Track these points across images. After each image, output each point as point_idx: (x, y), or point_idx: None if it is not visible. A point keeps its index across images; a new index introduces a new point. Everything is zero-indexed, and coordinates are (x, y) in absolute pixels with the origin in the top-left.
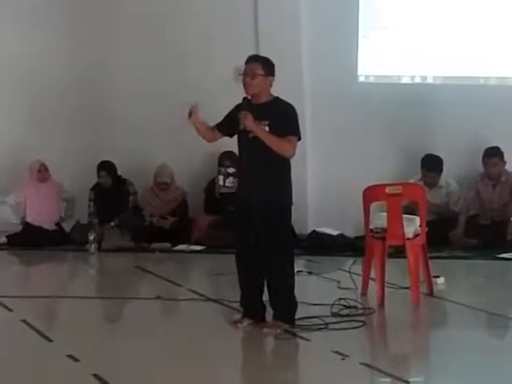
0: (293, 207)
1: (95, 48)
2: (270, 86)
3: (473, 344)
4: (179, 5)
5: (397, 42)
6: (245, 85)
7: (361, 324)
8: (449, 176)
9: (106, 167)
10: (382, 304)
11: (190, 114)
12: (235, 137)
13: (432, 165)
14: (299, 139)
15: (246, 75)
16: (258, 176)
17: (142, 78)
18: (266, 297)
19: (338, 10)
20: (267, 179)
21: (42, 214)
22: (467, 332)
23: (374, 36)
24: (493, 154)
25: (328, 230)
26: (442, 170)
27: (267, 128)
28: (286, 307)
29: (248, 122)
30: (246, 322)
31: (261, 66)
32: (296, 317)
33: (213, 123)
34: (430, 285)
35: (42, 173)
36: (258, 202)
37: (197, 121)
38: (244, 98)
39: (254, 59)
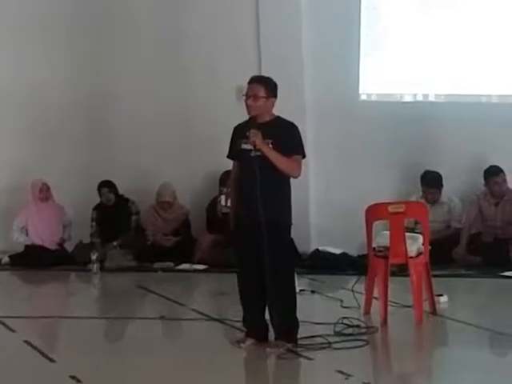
0: (292, 226)
1: (97, 69)
2: (272, 106)
3: (476, 363)
4: (181, 25)
5: (398, 60)
6: (247, 106)
7: (364, 343)
8: (450, 193)
9: (107, 185)
10: (384, 323)
11: None
12: None
13: (431, 181)
14: (303, 157)
15: (249, 97)
16: (261, 195)
17: (144, 98)
18: (268, 316)
19: (340, 29)
20: (270, 198)
21: (44, 234)
22: (470, 351)
23: (375, 54)
24: (496, 173)
25: (331, 249)
26: (442, 185)
27: (271, 146)
28: (288, 326)
29: (258, 140)
30: (249, 341)
31: (263, 88)
32: (299, 336)
33: (215, 142)
34: (433, 303)
35: (44, 192)
36: (261, 221)
37: None
38: (250, 118)
39: (256, 81)
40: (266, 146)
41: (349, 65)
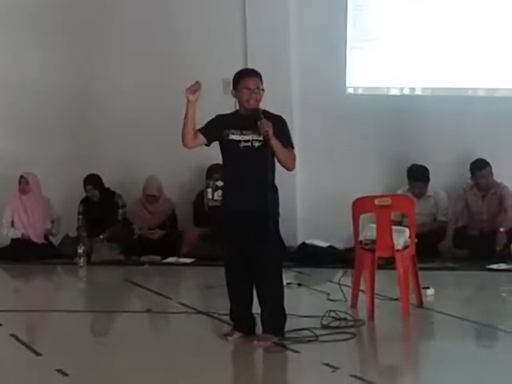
0: (279, 219)
1: (82, 60)
2: None
3: (462, 355)
4: (169, 20)
5: (385, 53)
6: (249, 99)
7: (351, 336)
8: (437, 186)
9: (92, 181)
10: (371, 316)
11: (193, 91)
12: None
13: (418, 175)
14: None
15: (252, 91)
16: (252, 186)
17: (131, 91)
18: (254, 309)
19: (327, 22)
20: (261, 189)
21: (28, 227)
22: (457, 343)
23: (362, 48)
24: (482, 166)
25: (318, 242)
26: (428, 179)
27: (261, 138)
28: (277, 319)
29: (271, 130)
30: (236, 334)
31: (260, 80)
32: (286, 329)
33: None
34: (420, 296)
35: (23, 185)
36: (252, 213)
37: (194, 102)
38: (255, 109)
39: (255, 74)
40: (274, 137)
41: (335, 58)
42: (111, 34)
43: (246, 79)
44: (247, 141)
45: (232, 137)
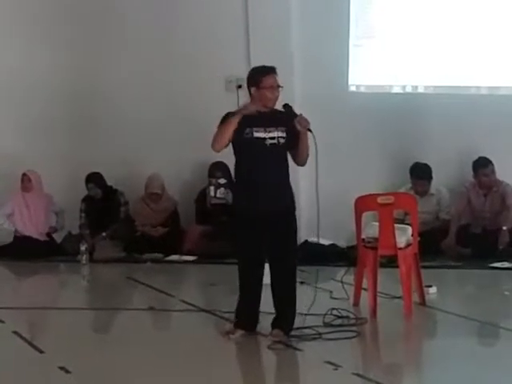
0: None
1: (84, 59)
2: None
3: (464, 353)
4: (172, 17)
5: (388, 51)
6: (272, 97)
7: (353, 334)
8: (439, 184)
9: (94, 179)
10: (374, 314)
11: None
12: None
13: (421, 173)
14: None
15: (276, 87)
16: (278, 184)
17: (134, 88)
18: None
19: (329, 20)
20: (286, 186)
21: (30, 224)
22: (459, 341)
23: (365, 45)
24: (484, 164)
25: (320, 240)
26: (431, 177)
27: (284, 134)
28: (292, 318)
29: (309, 124)
30: (238, 332)
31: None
32: None
33: (204, 133)
34: (422, 294)
35: (25, 183)
36: (281, 211)
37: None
38: (285, 105)
39: (274, 71)
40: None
41: (338, 56)
42: (113, 33)
43: (269, 76)
44: (273, 138)
45: (256, 134)
